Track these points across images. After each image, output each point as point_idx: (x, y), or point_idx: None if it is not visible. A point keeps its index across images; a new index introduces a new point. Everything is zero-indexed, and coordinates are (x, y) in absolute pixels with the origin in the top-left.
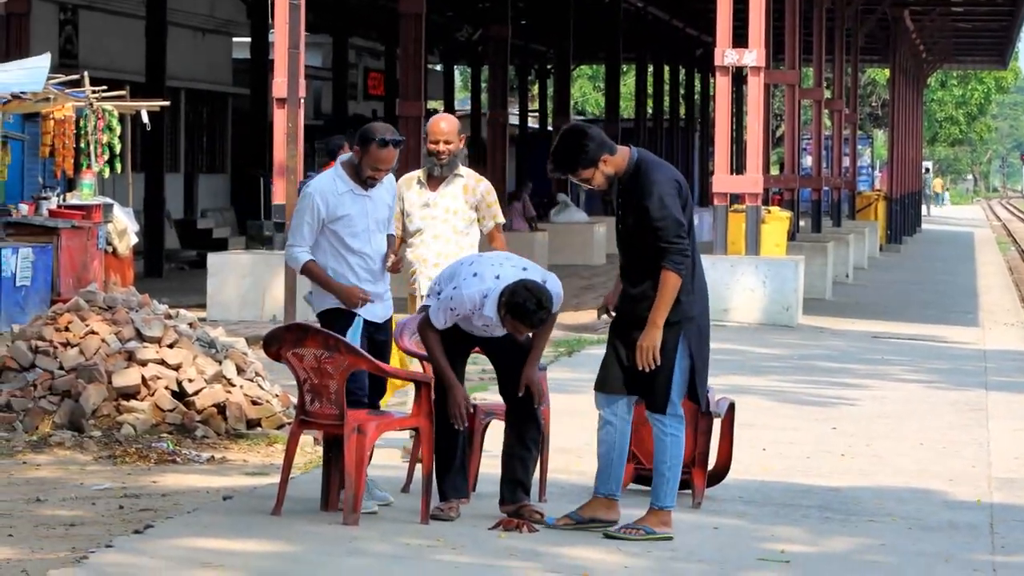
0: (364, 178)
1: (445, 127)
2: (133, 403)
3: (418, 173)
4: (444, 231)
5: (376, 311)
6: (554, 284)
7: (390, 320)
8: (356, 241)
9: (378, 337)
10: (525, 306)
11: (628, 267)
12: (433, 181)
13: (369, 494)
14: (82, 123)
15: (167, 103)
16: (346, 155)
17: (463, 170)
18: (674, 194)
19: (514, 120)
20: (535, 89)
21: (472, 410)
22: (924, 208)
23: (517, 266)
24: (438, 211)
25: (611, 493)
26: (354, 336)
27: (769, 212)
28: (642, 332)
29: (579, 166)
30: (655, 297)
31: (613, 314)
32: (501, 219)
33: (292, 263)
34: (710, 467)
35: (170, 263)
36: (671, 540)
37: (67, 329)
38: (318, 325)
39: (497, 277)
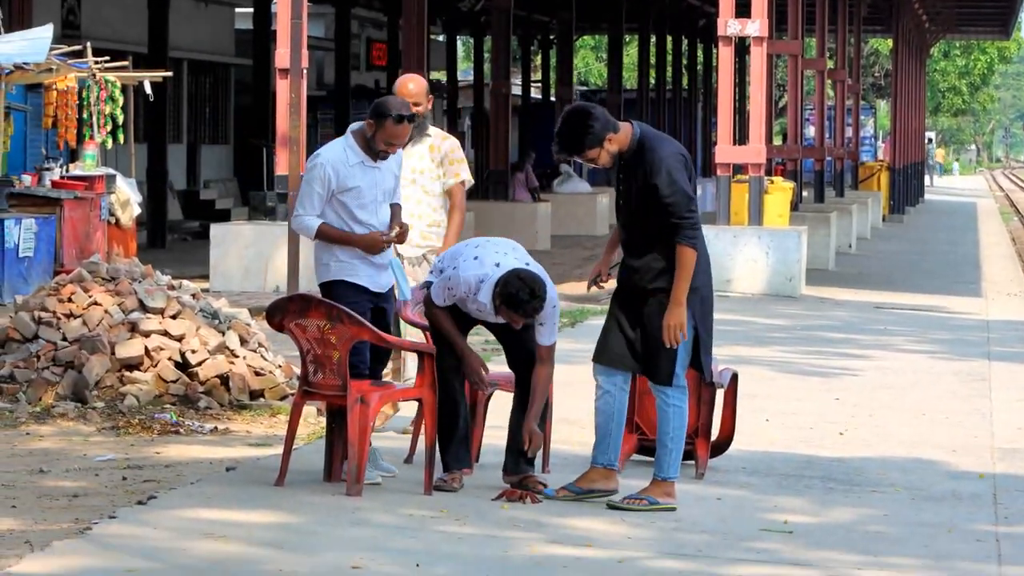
0: (376, 151)
1: (413, 88)
2: (136, 374)
3: None
4: (413, 192)
5: (379, 280)
6: (551, 290)
7: (392, 289)
8: (363, 212)
9: (381, 305)
10: (518, 296)
11: (629, 241)
12: None
13: (374, 464)
14: (85, 94)
15: (170, 73)
16: (358, 124)
17: (432, 130)
18: (681, 168)
19: (517, 91)
20: (538, 60)
21: (487, 372)
22: (927, 179)
23: (520, 259)
24: (405, 172)
25: (609, 463)
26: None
27: (772, 183)
28: (645, 304)
29: (585, 147)
30: (659, 269)
31: (603, 285)
32: (465, 177)
33: (303, 231)
34: (713, 438)
35: (173, 234)
36: (674, 511)
37: (70, 300)
38: (321, 296)
39: (497, 265)
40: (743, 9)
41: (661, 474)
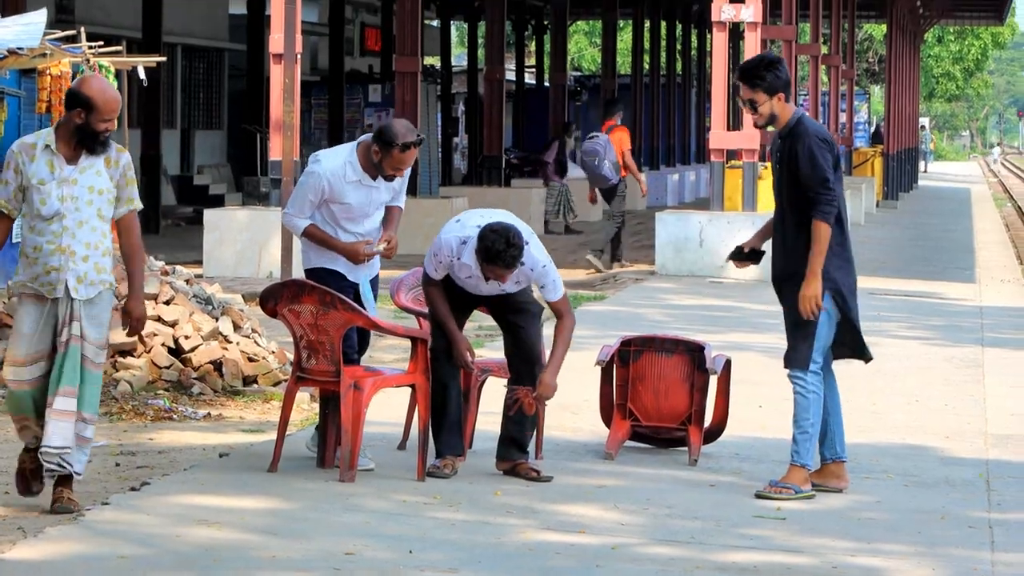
0: (384, 175)
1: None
2: (129, 360)
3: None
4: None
5: (357, 272)
6: (535, 248)
7: (376, 278)
8: (352, 224)
9: (369, 295)
10: (494, 247)
11: (781, 220)
12: None
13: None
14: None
15: (164, 59)
16: (366, 138)
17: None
18: (824, 149)
19: (511, 76)
20: (532, 45)
21: (473, 357)
22: (921, 164)
23: (504, 219)
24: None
25: (837, 456)
26: (368, 297)
27: (766, 168)
28: (792, 284)
29: (760, 82)
30: (800, 253)
31: (739, 264)
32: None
33: (291, 228)
34: (706, 424)
35: (166, 219)
36: (811, 498)
37: None
38: (314, 282)
39: (478, 226)
40: None
41: (800, 460)
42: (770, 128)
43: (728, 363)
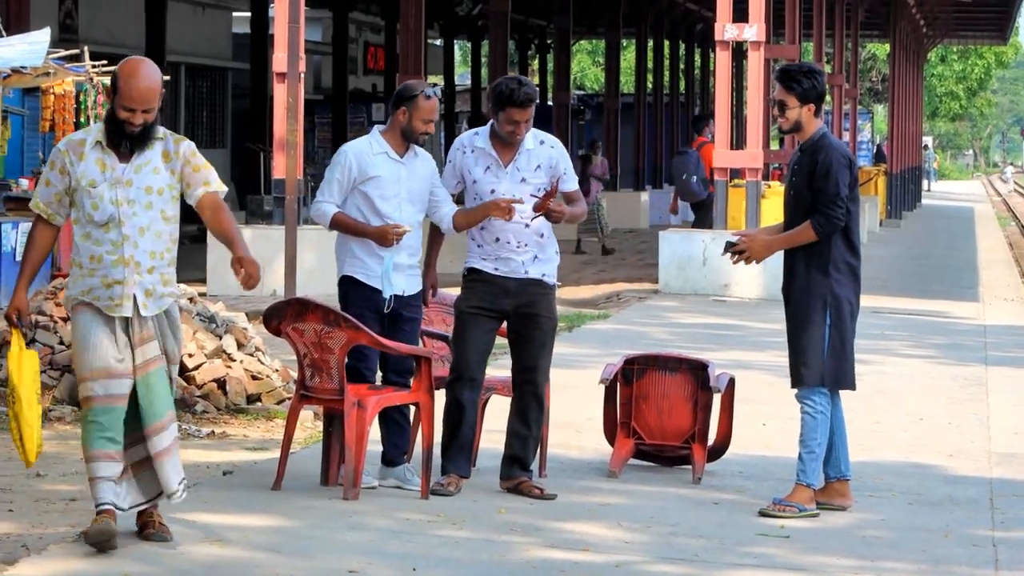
0: (416, 136)
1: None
2: None
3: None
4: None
5: (397, 282)
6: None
7: (418, 297)
8: (386, 205)
9: (404, 313)
10: (508, 86)
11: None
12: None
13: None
14: (82, 98)
15: (167, 78)
16: (381, 126)
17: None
18: (844, 167)
19: None
20: (535, 64)
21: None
22: (924, 183)
23: None
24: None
25: (841, 475)
26: (386, 272)
27: (769, 187)
28: (795, 301)
29: (796, 86)
30: (799, 271)
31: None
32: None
33: (319, 218)
34: (710, 442)
35: None
36: (816, 516)
37: None
38: (319, 300)
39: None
40: (740, 14)
41: (805, 480)
42: (794, 138)
43: (732, 381)
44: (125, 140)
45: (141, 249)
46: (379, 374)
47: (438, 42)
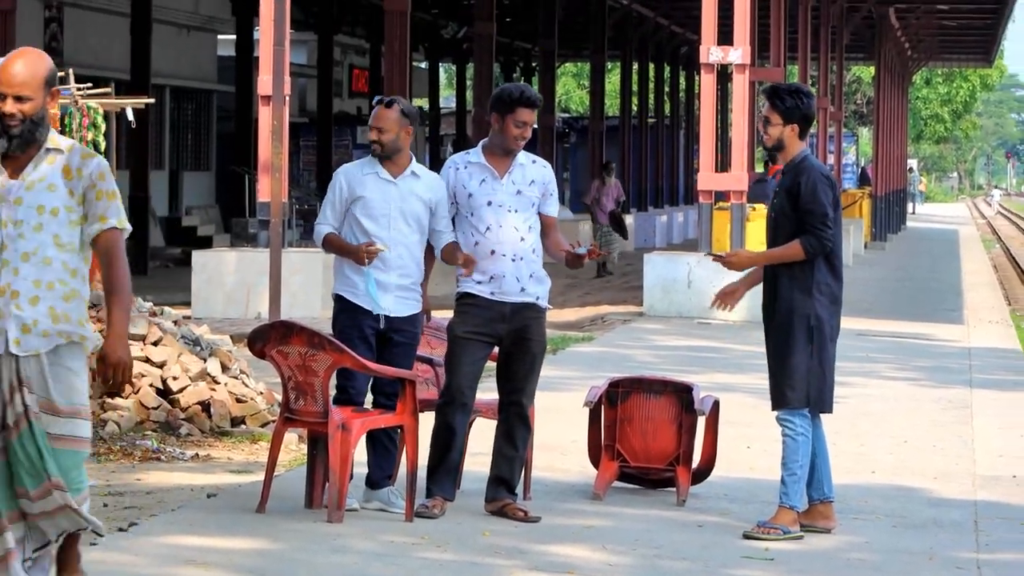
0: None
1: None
2: (118, 401)
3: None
4: None
5: (385, 302)
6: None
7: (412, 320)
8: (373, 225)
9: (395, 338)
10: (512, 91)
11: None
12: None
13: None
14: (67, 120)
15: (152, 100)
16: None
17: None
18: (827, 187)
19: None
20: None
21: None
22: (909, 206)
23: None
24: None
25: (824, 497)
26: (372, 289)
27: (754, 210)
28: (775, 323)
29: (780, 104)
30: (780, 294)
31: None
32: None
33: (316, 239)
34: (694, 465)
35: (155, 261)
36: (800, 539)
37: None
38: (303, 323)
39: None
40: (725, 36)
41: (789, 502)
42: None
43: (716, 404)
44: (4, 137)
45: (22, 277)
46: (370, 396)
47: (423, 65)
